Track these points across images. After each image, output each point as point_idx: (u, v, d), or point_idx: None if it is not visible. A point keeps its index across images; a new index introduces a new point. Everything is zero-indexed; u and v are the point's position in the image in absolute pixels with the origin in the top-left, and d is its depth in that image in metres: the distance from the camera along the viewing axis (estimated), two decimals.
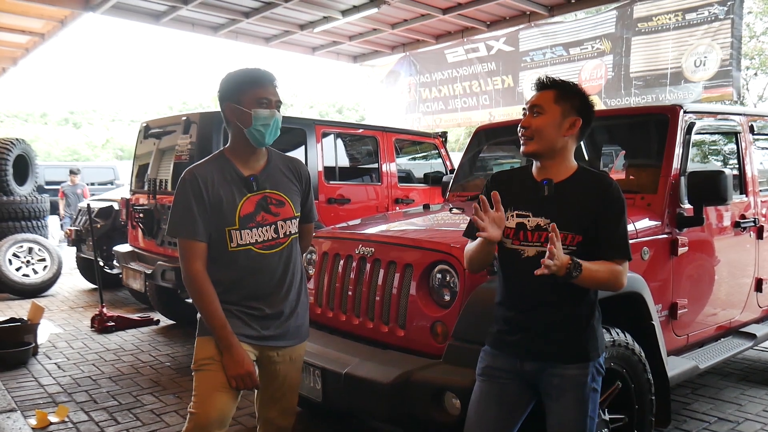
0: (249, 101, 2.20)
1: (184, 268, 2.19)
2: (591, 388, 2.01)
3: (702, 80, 7.82)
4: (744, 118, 4.00)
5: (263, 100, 2.21)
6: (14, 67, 12.61)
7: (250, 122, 2.20)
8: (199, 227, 2.17)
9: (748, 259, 3.90)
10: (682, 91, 8.01)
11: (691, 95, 7.90)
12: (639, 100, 8.43)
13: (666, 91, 8.17)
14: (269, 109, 2.22)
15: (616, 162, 4.68)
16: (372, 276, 3.03)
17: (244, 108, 2.20)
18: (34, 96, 43.80)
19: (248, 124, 2.20)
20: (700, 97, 7.83)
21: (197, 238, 2.17)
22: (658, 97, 8.23)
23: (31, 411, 3.91)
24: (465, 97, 10.88)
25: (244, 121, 2.21)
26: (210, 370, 2.19)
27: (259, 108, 2.20)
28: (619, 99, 8.68)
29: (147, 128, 6.09)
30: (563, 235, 1.96)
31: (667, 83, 8.15)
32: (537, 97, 2.07)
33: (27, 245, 8.04)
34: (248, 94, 2.21)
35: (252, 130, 2.21)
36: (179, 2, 8.76)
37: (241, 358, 2.16)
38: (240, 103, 2.21)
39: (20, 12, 8.76)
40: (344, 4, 9.09)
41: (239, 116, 2.21)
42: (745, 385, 4.37)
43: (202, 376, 2.20)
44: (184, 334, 5.87)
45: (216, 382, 2.18)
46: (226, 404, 2.19)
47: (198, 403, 2.17)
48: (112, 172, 16.60)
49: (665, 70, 8.18)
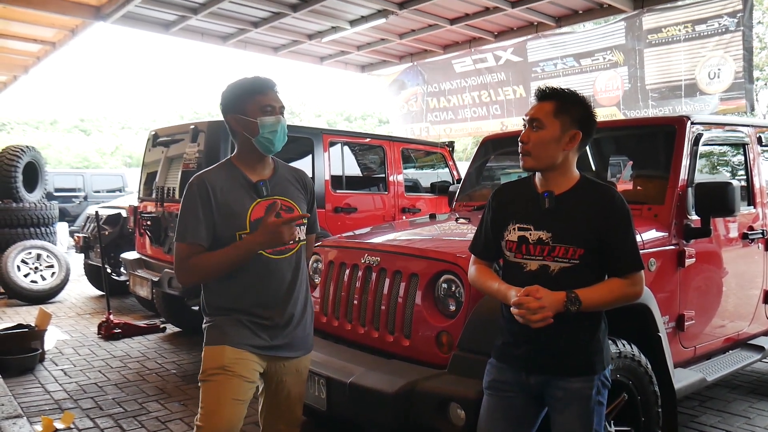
0: (253, 110, 2.20)
1: (177, 269, 2.20)
2: (596, 401, 2.00)
3: (717, 92, 7.80)
4: (752, 129, 3.99)
5: (267, 107, 2.22)
6: (25, 75, 12.70)
7: (257, 131, 2.20)
8: (202, 231, 2.17)
9: (756, 270, 3.88)
10: (699, 103, 7.99)
11: (707, 107, 7.88)
12: (656, 111, 8.41)
13: (682, 103, 8.15)
14: (274, 116, 2.22)
15: (624, 172, 4.67)
16: (378, 285, 3.03)
17: (249, 117, 2.20)
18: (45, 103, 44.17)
19: (255, 133, 2.20)
20: (716, 109, 7.80)
21: (198, 242, 2.17)
22: (674, 109, 8.20)
23: (37, 417, 3.92)
24: (475, 107, 10.88)
25: (251, 131, 2.21)
26: (218, 380, 2.16)
27: (264, 116, 2.20)
28: (637, 110, 8.68)
29: (155, 136, 6.13)
30: (564, 248, 1.96)
31: (682, 95, 8.13)
32: (536, 110, 2.04)
33: (35, 252, 8.09)
34: (251, 103, 2.21)
35: (260, 139, 2.21)
36: (189, 12, 8.83)
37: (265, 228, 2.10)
38: (244, 113, 2.21)
39: (32, 21, 8.84)
40: (352, 15, 9.14)
41: (245, 126, 2.21)
42: (754, 398, 4.33)
43: (210, 387, 2.17)
44: (190, 342, 5.88)
45: (224, 393, 2.14)
46: (235, 416, 2.16)
47: (205, 416, 2.14)
48: (120, 179, 16.65)
49: (679, 82, 8.16)
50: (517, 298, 1.90)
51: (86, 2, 8.19)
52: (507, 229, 2.07)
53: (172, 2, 8.56)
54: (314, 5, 8.47)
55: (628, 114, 8.73)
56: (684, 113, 7.85)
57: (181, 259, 2.18)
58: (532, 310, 1.86)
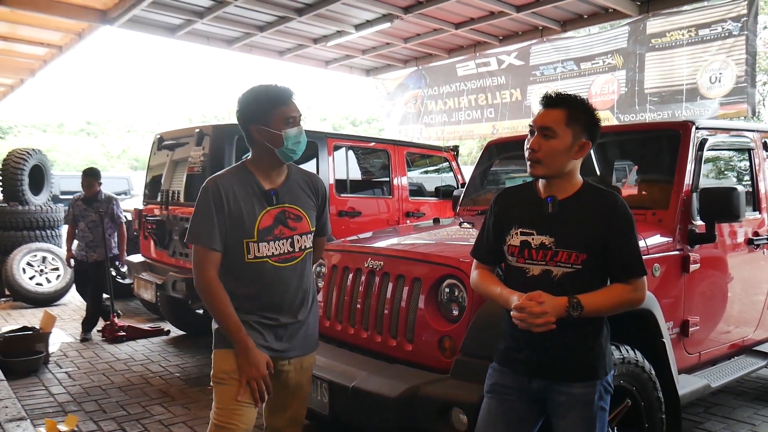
0: (277, 122, 2.21)
1: (198, 275, 2.20)
2: (599, 407, 1.99)
3: (718, 96, 7.77)
4: (757, 134, 3.97)
5: (290, 119, 2.23)
6: (32, 78, 12.76)
7: (281, 143, 2.22)
8: (216, 236, 2.19)
9: (761, 276, 3.86)
10: (699, 107, 7.96)
11: (707, 111, 7.85)
12: (655, 116, 8.38)
13: (682, 107, 8.12)
14: (296, 126, 2.25)
15: (629, 177, 4.66)
16: (381, 289, 3.03)
17: (274, 130, 2.21)
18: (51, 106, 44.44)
19: (279, 144, 2.22)
20: (716, 113, 7.77)
21: (214, 247, 2.19)
22: (674, 113, 8.18)
23: (40, 420, 3.92)
24: (470, 109, 10.86)
25: (275, 143, 2.22)
26: (230, 384, 2.21)
27: (287, 127, 2.22)
28: (633, 115, 8.64)
29: (161, 140, 6.14)
30: (567, 253, 1.96)
31: (683, 99, 8.10)
32: (547, 117, 2.00)
33: (41, 254, 8.13)
34: (275, 114, 2.21)
35: (284, 150, 2.23)
36: (195, 16, 8.87)
37: (256, 360, 2.17)
38: (268, 125, 2.21)
39: (39, 25, 8.88)
40: (357, 19, 9.16)
41: (269, 138, 2.22)
42: (759, 404, 4.30)
43: (224, 389, 2.22)
44: (194, 345, 5.88)
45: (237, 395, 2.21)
46: (251, 416, 2.23)
47: (223, 416, 2.20)
48: (126, 182, 16.69)
49: (680, 86, 8.13)
50: (519, 302, 1.90)
51: (93, 6, 8.23)
52: (509, 234, 2.07)
53: (178, 6, 8.60)
54: (320, 10, 8.49)
55: (621, 118, 8.69)
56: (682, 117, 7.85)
57: (200, 263, 2.19)
58: (535, 315, 1.86)
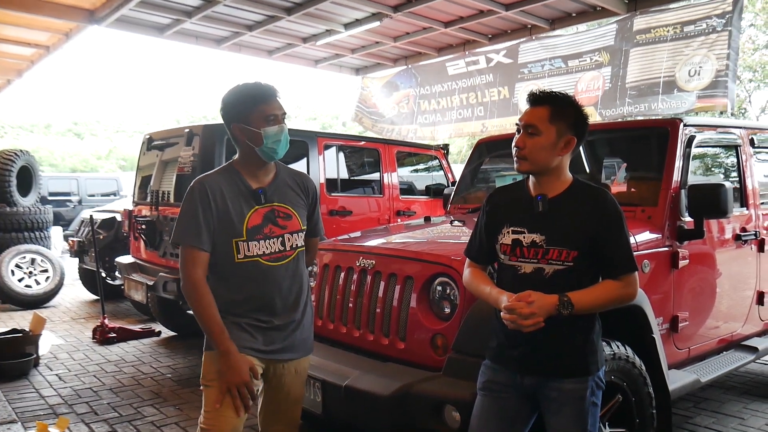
0: (256, 120, 2.20)
1: (184, 275, 2.18)
2: (590, 402, 2.00)
3: (696, 89, 7.76)
4: (744, 131, 4.01)
5: (270, 117, 2.21)
6: (19, 79, 12.64)
7: (261, 141, 2.20)
8: (204, 236, 2.17)
9: (749, 272, 3.90)
10: (675, 100, 7.96)
11: (684, 104, 7.85)
12: (632, 109, 8.39)
13: (658, 100, 8.12)
14: (278, 125, 2.22)
15: (618, 174, 4.69)
16: (372, 288, 3.03)
17: (253, 128, 2.20)
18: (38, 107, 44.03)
19: (259, 143, 2.20)
20: (693, 106, 7.78)
21: (201, 247, 2.17)
22: (650, 106, 8.19)
23: (31, 422, 3.90)
24: (461, 108, 10.87)
25: (255, 141, 2.21)
26: (217, 388, 2.17)
27: (267, 126, 2.20)
28: (613, 109, 8.66)
29: (150, 140, 6.11)
30: (558, 251, 1.97)
31: (660, 92, 8.12)
32: (531, 115, 2.03)
33: (29, 256, 8.06)
34: (254, 112, 2.20)
35: (264, 149, 2.21)
36: (183, 16, 8.83)
37: (238, 365, 2.13)
38: (248, 122, 2.20)
39: (25, 25, 8.81)
40: (347, 18, 9.15)
41: (249, 136, 2.21)
42: (748, 398, 4.35)
43: (213, 391, 2.18)
44: (185, 346, 5.85)
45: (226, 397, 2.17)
46: (238, 421, 2.18)
47: (210, 420, 2.17)
48: (115, 183, 16.59)
49: (658, 79, 8.15)
50: (509, 303, 1.91)
51: (80, 6, 8.17)
52: (501, 233, 2.08)
53: (167, 6, 8.55)
54: (309, 8, 8.47)
55: (604, 113, 8.71)
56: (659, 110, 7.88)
57: (186, 263, 2.17)
58: (524, 315, 1.87)
